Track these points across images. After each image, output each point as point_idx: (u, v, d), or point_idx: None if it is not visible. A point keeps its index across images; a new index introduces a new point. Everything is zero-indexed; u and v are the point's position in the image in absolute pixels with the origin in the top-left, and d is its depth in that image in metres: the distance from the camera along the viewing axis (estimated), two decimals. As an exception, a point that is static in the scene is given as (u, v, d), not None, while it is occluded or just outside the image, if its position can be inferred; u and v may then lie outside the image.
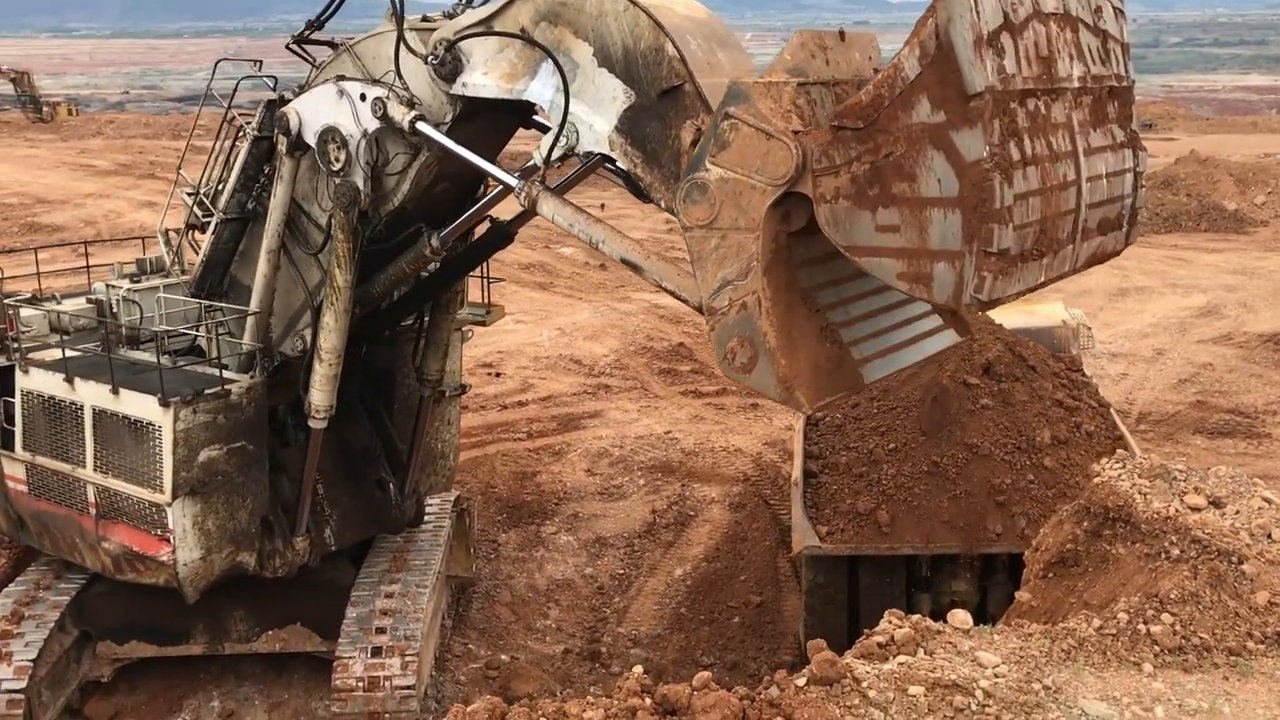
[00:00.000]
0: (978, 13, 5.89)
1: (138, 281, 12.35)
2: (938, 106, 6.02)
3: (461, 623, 13.70)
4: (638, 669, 7.57)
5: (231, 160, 11.05)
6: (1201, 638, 7.91)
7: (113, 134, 68.29)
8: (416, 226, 9.83)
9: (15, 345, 11.51)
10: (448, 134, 8.70)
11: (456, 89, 8.48)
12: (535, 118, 9.83)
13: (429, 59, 8.49)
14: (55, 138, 65.50)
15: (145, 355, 11.36)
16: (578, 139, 7.36)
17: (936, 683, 7.31)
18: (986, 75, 5.94)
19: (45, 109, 75.22)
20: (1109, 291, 29.73)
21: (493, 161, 8.82)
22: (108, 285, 12.39)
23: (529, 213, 8.89)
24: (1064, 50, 6.75)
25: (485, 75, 8.26)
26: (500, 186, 8.98)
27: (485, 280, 13.14)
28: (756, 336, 6.57)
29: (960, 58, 5.92)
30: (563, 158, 7.50)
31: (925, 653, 7.78)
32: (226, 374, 10.83)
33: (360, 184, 9.41)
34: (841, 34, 7.35)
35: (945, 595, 12.05)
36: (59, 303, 12.71)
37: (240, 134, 10.83)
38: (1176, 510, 9.08)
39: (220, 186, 11.15)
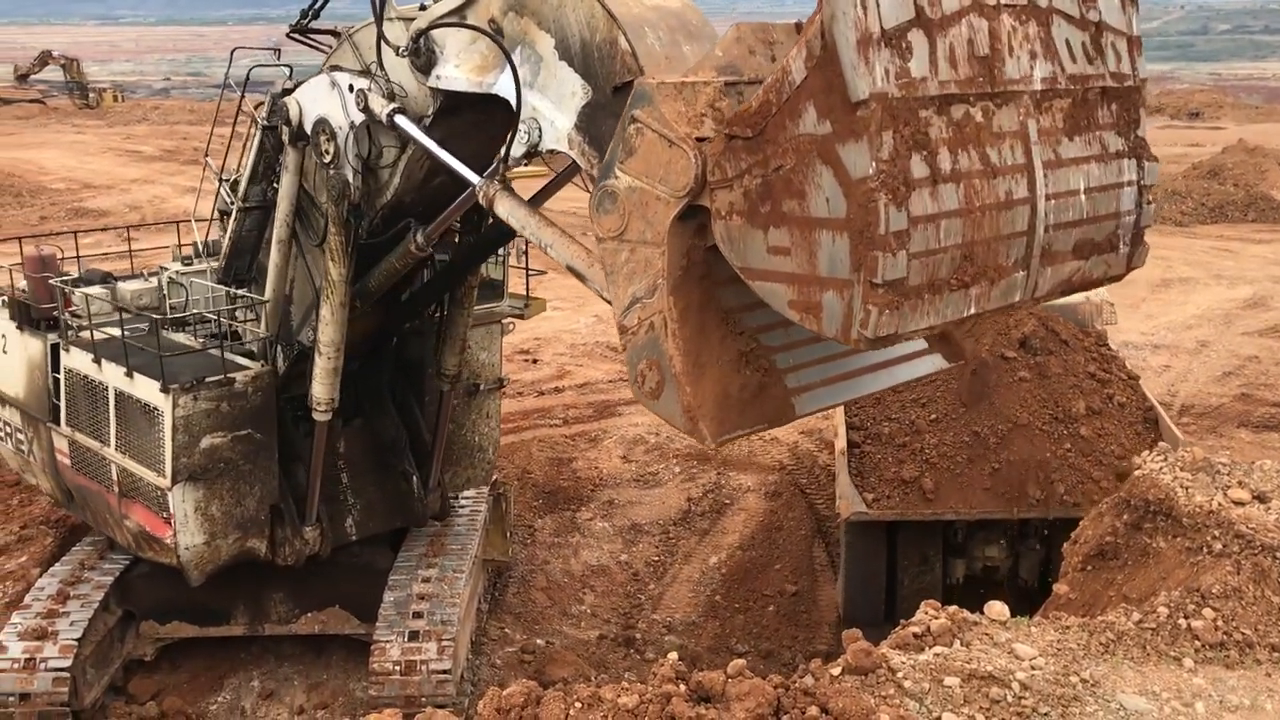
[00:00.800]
0: (866, 9, 5.14)
1: (189, 264, 12.51)
2: (824, 116, 5.30)
3: (498, 607, 13.79)
4: (672, 655, 7.59)
5: (250, 148, 11.04)
6: (1244, 633, 7.82)
7: (158, 120, 69.10)
8: (405, 222, 9.55)
9: (67, 325, 11.72)
10: (430, 127, 8.32)
11: (432, 81, 8.13)
12: None
13: (401, 51, 8.15)
14: (102, 124, 66.37)
15: (183, 338, 11.51)
16: (540, 136, 6.88)
17: (972, 674, 7.28)
18: (873, 81, 5.17)
19: (91, 95, 76.43)
20: (1152, 283, 29.33)
21: (492, 157, 8.20)
22: (160, 268, 12.61)
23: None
24: (1020, 48, 5.91)
25: (457, 68, 7.87)
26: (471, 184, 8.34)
27: (526, 272, 13.11)
28: (663, 360, 5.95)
29: (843, 60, 5.18)
30: (526, 156, 6.97)
31: (961, 644, 7.74)
32: (242, 361, 10.91)
33: (349, 177, 9.23)
34: (798, 26, 6.42)
35: (979, 561, 12.62)
36: (116, 284, 12.93)
37: (253, 123, 10.81)
38: (1219, 504, 8.97)
39: (241, 174, 11.20)
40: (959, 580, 12.73)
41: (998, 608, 8.36)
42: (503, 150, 7.25)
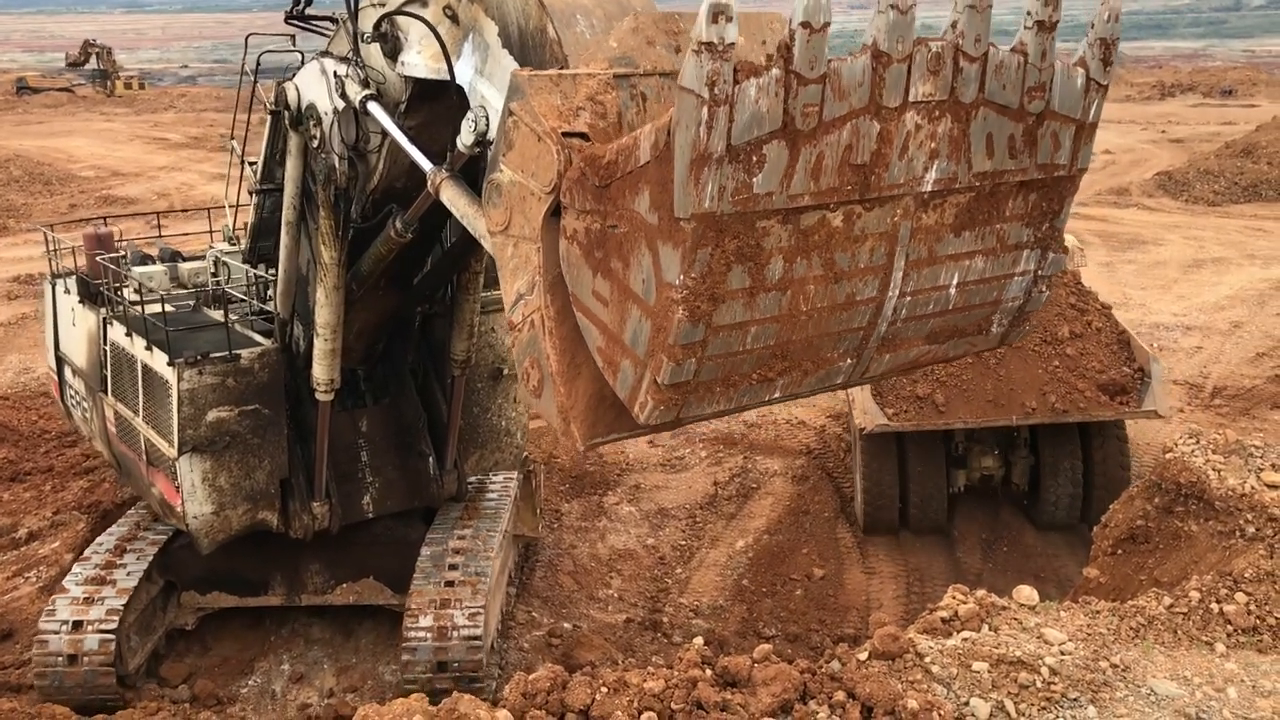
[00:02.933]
0: (711, 128, 4.60)
1: (234, 245, 12.97)
2: (655, 208, 4.96)
3: (525, 591, 13.84)
4: (698, 640, 7.59)
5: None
6: (1277, 618, 7.74)
7: (185, 107, 69.51)
8: (389, 207, 9.47)
9: (115, 300, 12.19)
10: (407, 113, 8.19)
11: (398, 68, 8.03)
12: None
13: (365, 38, 8.07)
14: (129, 111, 66.85)
15: (219, 315, 11.78)
16: (487, 124, 6.60)
17: (1001, 659, 7.24)
18: (699, 201, 4.72)
19: (107, 83, 77.50)
20: (1183, 263, 29.01)
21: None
22: (209, 247, 13.08)
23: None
24: (918, 149, 5.31)
25: (419, 54, 7.63)
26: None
27: None
28: (541, 359, 5.77)
29: (675, 171, 4.75)
30: (477, 145, 6.67)
31: (990, 628, 7.70)
32: (256, 338, 11.26)
33: (335, 162, 9.24)
34: None
35: (977, 471, 15.01)
36: (179, 263, 13.70)
37: (265, 108, 10.91)
38: (1252, 487, 8.88)
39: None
40: (961, 488, 15.09)
41: (1026, 592, 8.31)
42: (459, 138, 7.03)
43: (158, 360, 11.01)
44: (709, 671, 7.12)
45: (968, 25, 5.27)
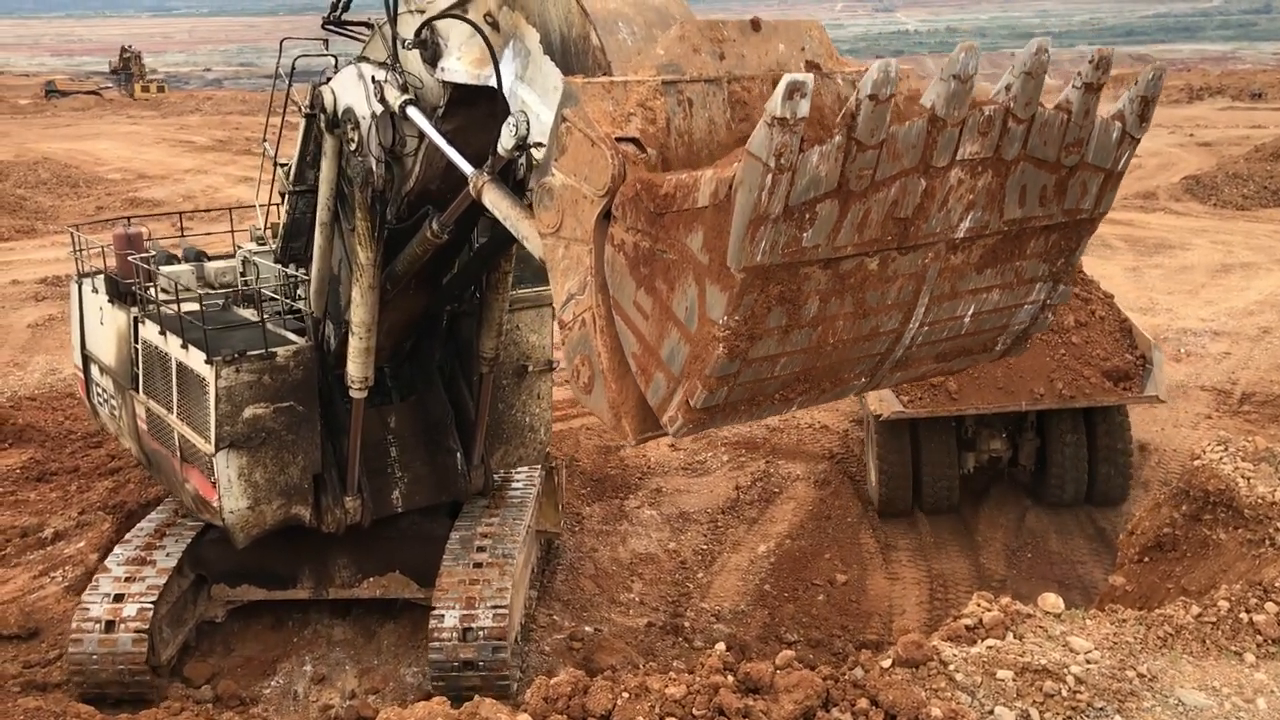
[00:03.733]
0: (772, 192, 4.85)
1: (262, 245, 13.21)
2: (707, 249, 5.20)
3: (546, 594, 13.83)
4: (720, 646, 7.55)
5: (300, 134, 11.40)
6: (1308, 628, 7.63)
7: (210, 110, 70.04)
8: (424, 209, 9.66)
9: (148, 300, 12.42)
10: (444, 118, 8.35)
11: (438, 74, 8.17)
12: None
13: (407, 44, 8.22)
14: (155, 114, 67.36)
15: (250, 314, 12.07)
16: (528, 129, 6.78)
17: (1026, 667, 7.17)
18: (753, 256, 5.01)
19: (125, 87, 78.85)
20: (1211, 268, 28.74)
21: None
22: (239, 247, 13.39)
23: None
24: (957, 201, 5.60)
25: (459, 60, 7.88)
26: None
27: None
28: (593, 356, 6.00)
29: (733, 226, 4.99)
30: (518, 149, 6.82)
31: (1014, 636, 7.64)
32: (291, 336, 11.47)
33: (372, 165, 9.41)
34: (755, 23, 6.42)
35: (985, 453, 15.45)
36: (205, 263, 13.93)
37: (300, 110, 11.13)
38: (1282, 495, 8.76)
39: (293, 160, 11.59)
40: (970, 470, 15.59)
41: (1051, 599, 8.23)
42: (498, 142, 7.19)
43: (194, 358, 11.21)
44: (731, 677, 7.08)
45: (1021, 90, 5.48)
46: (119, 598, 11.59)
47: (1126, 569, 9.81)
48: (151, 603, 11.52)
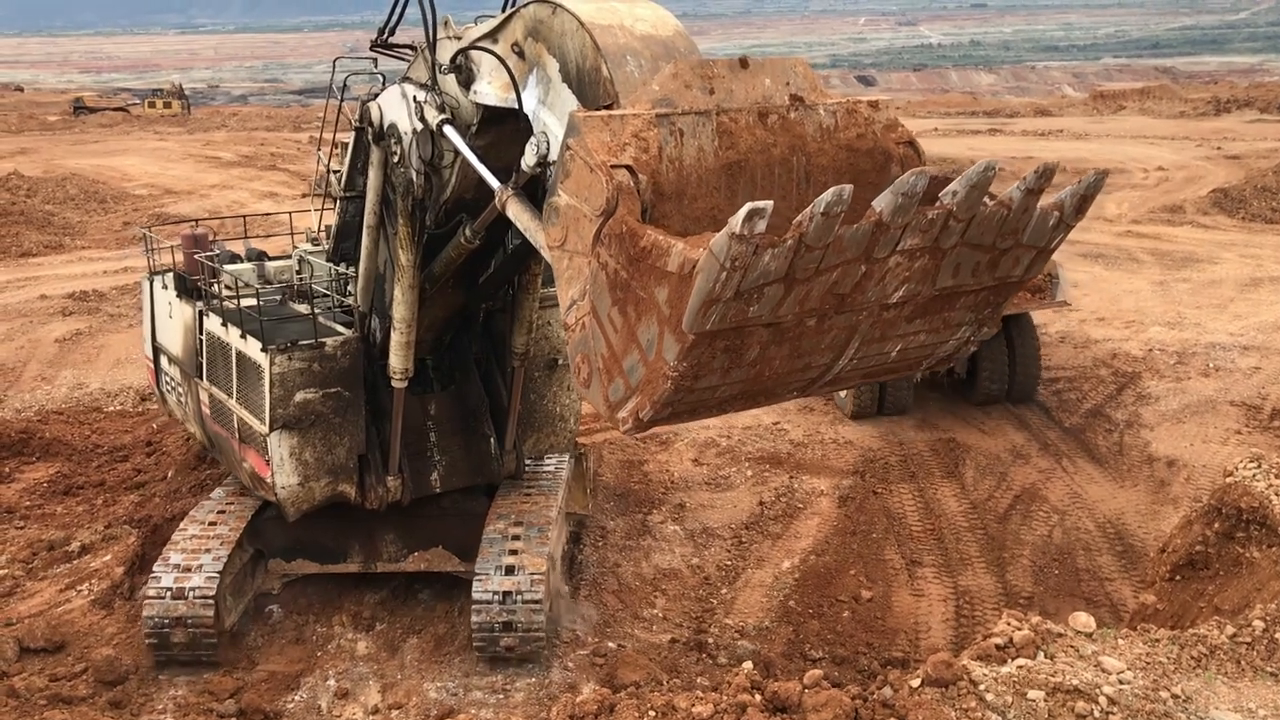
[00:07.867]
0: (724, 282, 5.59)
1: (316, 245, 14.43)
2: (669, 304, 5.95)
3: (570, 610, 13.79)
4: (747, 665, 7.50)
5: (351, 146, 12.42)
6: (1345, 649, 7.50)
7: (236, 126, 70.63)
8: (459, 216, 10.65)
9: (212, 296, 13.47)
10: (477, 134, 9.27)
11: (471, 96, 9.15)
12: None
13: (443, 69, 9.25)
14: (182, 130, 67.99)
15: (304, 309, 13.12)
16: (548, 148, 7.59)
17: (1057, 687, 7.07)
18: (703, 325, 5.82)
19: (139, 104, 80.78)
20: (1240, 282, 28.46)
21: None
22: (295, 247, 14.69)
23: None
24: (894, 279, 6.30)
25: (489, 85, 8.82)
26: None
27: None
28: (592, 354, 6.73)
29: (689, 301, 5.76)
30: (538, 165, 7.68)
31: (1045, 656, 7.54)
32: (338, 328, 12.56)
33: (413, 176, 10.40)
34: (744, 61, 7.16)
35: None
36: (265, 262, 14.99)
37: (350, 124, 12.19)
38: (1318, 513, 8.63)
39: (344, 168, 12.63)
40: (919, 378, 17.66)
41: (1083, 618, 8.13)
42: (523, 159, 8.11)
43: (252, 347, 12.24)
44: (759, 696, 7.02)
45: (964, 199, 6.08)
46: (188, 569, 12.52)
47: (1158, 587, 9.69)
48: (217, 573, 12.39)
